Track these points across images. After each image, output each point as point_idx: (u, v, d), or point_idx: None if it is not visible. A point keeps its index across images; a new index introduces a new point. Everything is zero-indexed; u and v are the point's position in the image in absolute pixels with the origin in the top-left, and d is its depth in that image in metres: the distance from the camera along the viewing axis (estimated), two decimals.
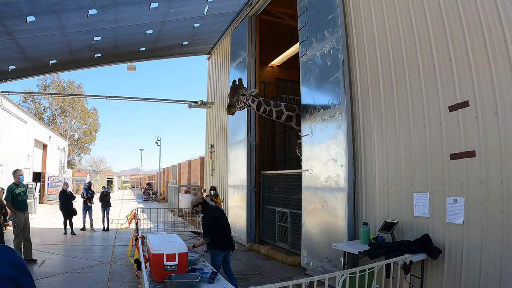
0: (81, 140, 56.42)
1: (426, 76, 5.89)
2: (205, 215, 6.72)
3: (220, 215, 6.77)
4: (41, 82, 50.89)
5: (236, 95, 9.18)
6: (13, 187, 8.91)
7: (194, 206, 6.77)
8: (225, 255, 6.48)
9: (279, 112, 9.65)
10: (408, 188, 6.11)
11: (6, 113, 19.28)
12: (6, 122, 19.46)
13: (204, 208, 6.74)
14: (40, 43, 12.30)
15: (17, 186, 8.96)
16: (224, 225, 6.63)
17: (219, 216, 6.71)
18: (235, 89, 9.28)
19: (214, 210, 6.87)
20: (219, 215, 6.76)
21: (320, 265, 7.84)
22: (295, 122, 9.85)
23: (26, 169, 22.03)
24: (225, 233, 6.55)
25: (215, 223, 6.45)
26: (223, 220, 6.68)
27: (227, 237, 6.58)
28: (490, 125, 4.94)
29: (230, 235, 6.72)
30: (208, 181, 16.90)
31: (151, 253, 4.82)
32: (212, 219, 6.49)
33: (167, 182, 42.91)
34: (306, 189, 8.62)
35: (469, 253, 5.08)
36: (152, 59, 17.85)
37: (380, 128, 6.80)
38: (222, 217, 6.77)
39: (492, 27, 4.95)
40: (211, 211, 6.74)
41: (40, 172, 27.13)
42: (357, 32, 7.46)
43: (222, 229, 6.51)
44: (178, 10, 11.69)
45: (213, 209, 6.92)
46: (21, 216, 8.92)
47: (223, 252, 6.44)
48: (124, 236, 13.56)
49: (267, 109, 9.58)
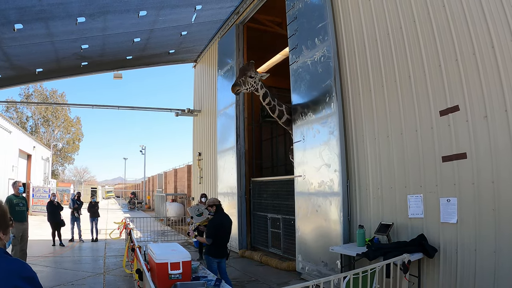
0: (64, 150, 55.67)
1: (417, 82, 6.07)
2: (214, 218, 6.87)
3: (227, 224, 6.84)
4: (23, 91, 50.35)
5: (243, 76, 8.87)
6: (11, 197, 8.95)
7: (210, 205, 6.88)
8: (218, 261, 6.59)
9: (280, 112, 9.36)
10: (402, 190, 6.26)
11: None
12: None
13: (216, 211, 6.87)
14: (27, 51, 12.17)
15: (16, 197, 9.01)
16: (225, 235, 6.72)
17: (225, 225, 6.78)
18: (244, 70, 9.02)
19: (222, 217, 6.90)
20: (226, 224, 6.81)
21: (316, 269, 7.93)
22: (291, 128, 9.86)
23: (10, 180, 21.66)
24: (222, 242, 6.66)
25: (219, 230, 6.57)
26: (226, 230, 6.76)
27: (223, 245, 6.68)
28: (480, 128, 5.13)
29: (226, 244, 6.78)
30: (197, 189, 16.87)
31: (154, 262, 4.83)
32: (218, 225, 6.63)
33: (152, 191, 42.58)
34: (299, 194, 8.72)
35: (464, 251, 5.25)
36: (138, 67, 17.81)
37: (372, 133, 6.96)
38: (228, 227, 6.86)
39: (480, 34, 5.15)
40: (220, 217, 6.84)
41: (25, 183, 26.68)
42: (348, 40, 7.63)
43: (221, 238, 6.62)
44: (166, 18, 11.74)
45: (223, 216, 6.93)
46: (19, 227, 8.87)
47: (216, 259, 6.55)
48: (114, 247, 13.46)
49: (271, 103, 9.23)
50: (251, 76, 8.85)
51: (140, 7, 10.43)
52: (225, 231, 6.71)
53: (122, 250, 12.56)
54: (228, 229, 6.83)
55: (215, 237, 6.52)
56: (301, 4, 8.86)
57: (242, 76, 8.90)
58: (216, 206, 6.88)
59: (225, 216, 6.93)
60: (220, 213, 6.91)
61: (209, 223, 6.93)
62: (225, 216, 6.93)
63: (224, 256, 6.67)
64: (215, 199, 7.15)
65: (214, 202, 6.96)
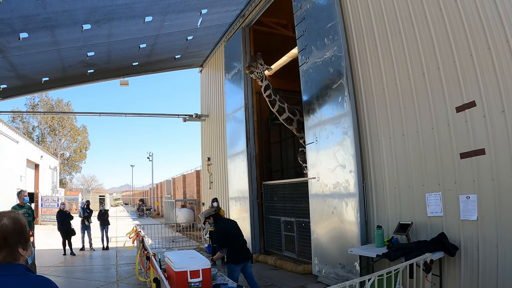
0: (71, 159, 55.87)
1: (431, 79, 5.99)
2: (216, 228, 6.75)
3: (232, 227, 6.73)
4: (29, 101, 50.67)
5: (255, 62, 9.38)
6: (17, 208, 8.76)
7: (207, 218, 6.77)
8: (242, 267, 6.42)
9: (281, 108, 9.64)
10: (420, 189, 6.17)
11: None
12: None
13: (215, 221, 6.75)
14: (33, 60, 12.18)
15: (21, 208, 8.80)
16: (236, 237, 6.57)
17: (231, 228, 6.68)
18: (255, 57, 9.52)
19: (225, 222, 6.85)
20: (231, 227, 6.72)
21: (333, 272, 7.83)
22: (296, 127, 9.85)
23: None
24: (237, 245, 6.49)
25: (227, 236, 6.43)
26: (235, 232, 6.64)
27: (240, 248, 6.51)
28: (498, 123, 5.06)
29: (244, 246, 6.64)
30: (206, 194, 16.82)
31: (173, 271, 4.75)
32: (224, 232, 6.49)
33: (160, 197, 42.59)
34: (313, 196, 8.63)
35: (485, 248, 5.16)
36: (144, 73, 17.82)
37: (387, 132, 6.87)
38: (234, 229, 6.72)
39: (494, 28, 5.08)
40: (222, 224, 6.73)
41: (33, 193, 26.75)
42: (358, 38, 7.56)
43: (234, 241, 6.46)
44: (172, 23, 11.73)
45: (224, 221, 6.90)
46: None
47: (238, 265, 6.37)
48: (126, 254, 13.40)
49: (272, 96, 9.58)
50: (261, 64, 9.39)
51: (145, 12, 10.41)
52: (233, 234, 6.56)
53: (133, 257, 12.50)
54: (235, 230, 6.68)
55: (226, 244, 6.38)
56: (308, 4, 8.80)
57: (253, 61, 9.38)
58: (212, 216, 6.80)
59: (226, 221, 6.90)
60: (220, 221, 6.81)
61: (214, 234, 6.83)
62: (226, 221, 6.90)
63: (246, 260, 6.47)
64: (208, 210, 7.09)
65: (209, 213, 6.90)
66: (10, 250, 1.92)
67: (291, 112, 9.75)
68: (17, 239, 1.94)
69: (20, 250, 1.96)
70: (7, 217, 1.94)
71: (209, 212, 6.86)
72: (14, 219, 1.95)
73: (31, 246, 2.05)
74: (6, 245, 1.90)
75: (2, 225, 1.90)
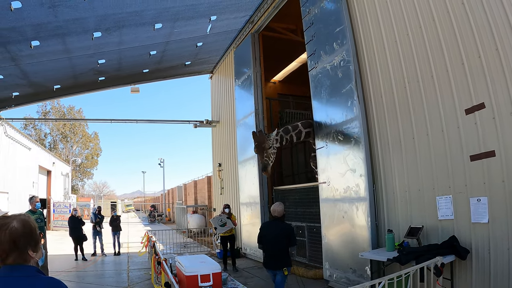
0: (83, 165, 56.36)
1: (440, 81, 5.97)
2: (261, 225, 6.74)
3: (268, 233, 6.39)
4: (41, 109, 51.18)
5: (265, 152, 8.96)
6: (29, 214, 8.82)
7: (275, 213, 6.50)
8: (274, 274, 6.27)
9: (298, 133, 9.45)
10: (430, 192, 6.14)
11: (10, 140, 19.29)
12: (11, 150, 19.46)
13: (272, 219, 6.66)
14: (44, 68, 12.34)
15: (33, 213, 8.80)
16: (268, 244, 6.30)
17: (267, 233, 6.40)
18: (261, 144, 8.99)
19: (265, 225, 6.72)
20: (268, 232, 6.41)
21: (344, 276, 7.80)
22: (313, 137, 9.78)
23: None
24: (267, 252, 6.34)
25: (260, 238, 6.45)
26: (268, 239, 6.32)
27: (269, 256, 6.31)
28: (507, 125, 5.03)
29: (274, 255, 6.25)
30: (218, 200, 16.85)
31: (183, 275, 4.79)
32: (259, 233, 6.53)
33: (172, 203, 42.73)
34: (324, 201, 8.62)
35: (497, 250, 5.12)
36: (155, 80, 17.95)
37: (397, 136, 6.85)
38: (270, 236, 6.32)
39: (502, 29, 5.07)
40: (263, 225, 6.72)
41: (45, 199, 27.03)
42: (367, 42, 7.57)
43: (266, 247, 6.33)
44: (181, 30, 11.83)
45: (268, 225, 6.70)
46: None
47: (268, 270, 6.36)
48: (137, 260, 13.46)
49: (288, 139, 9.46)
50: (269, 147, 9.01)
51: (155, 20, 10.53)
52: (269, 240, 6.27)
53: (145, 263, 12.57)
54: (273, 238, 6.22)
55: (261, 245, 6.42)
56: (317, 9, 8.84)
57: (263, 153, 9.00)
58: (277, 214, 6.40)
59: (275, 226, 6.39)
60: (272, 221, 6.59)
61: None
62: (275, 226, 6.39)
63: (273, 268, 6.23)
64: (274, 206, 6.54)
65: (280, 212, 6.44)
66: (20, 253, 1.94)
67: (306, 126, 9.51)
68: (26, 242, 1.96)
69: (30, 252, 1.98)
70: (17, 220, 1.96)
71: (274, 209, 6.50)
72: (23, 221, 1.98)
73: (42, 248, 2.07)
74: (15, 248, 1.92)
75: (11, 228, 1.92)
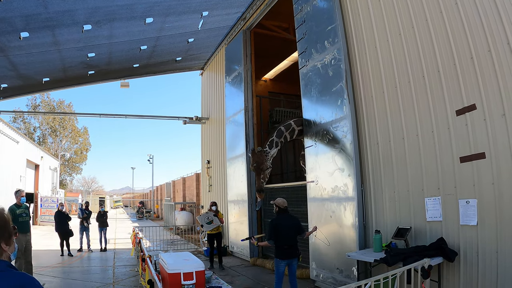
0: (72, 160, 55.88)
1: (431, 82, 5.93)
2: (272, 219, 6.83)
3: (283, 225, 6.58)
4: (30, 102, 50.63)
5: (262, 173, 8.99)
6: (14, 208, 8.63)
7: (276, 205, 6.77)
8: (288, 263, 6.53)
9: (291, 132, 9.40)
10: (419, 193, 6.10)
11: None
12: None
13: (277, 212, 6.77)
14: (33, 60, 12.13)
15: (18, 207, 8.66)
16: (284, 235, 6.51)
17: (282, 226, 6.57)
18: (260, 165, 8.97)
19: (278, 219, 6.72)
20: (282, 225, 6.59)
21: (331, 276, 7.75)
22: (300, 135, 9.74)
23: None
24: (283, 242, 6.51)
25: (276, 231, 6.48)
26: (283, 230, 6.54)
27: (285, 246, 6.52)
28: (498, 127, 4.99)
29: (291, 244, 6.56)
30: (206, 198, 16.75)
31: (166, 273, 4.69)
32: (273, 226, 6.56)
33: (160, 200, 42.52)
34: (312, 200, 8.56)
35: (485, 253, 5.09)
36: (145, 75, 17.76)
37: (386, 136, 6.80)
38: (284, 227, 6.58)
39: (495, 31, 5.03)
40: (276, 219, 6.73)
41: (33, 193, 26.69)
42: (358, 41, 7.51)
43: (281, 238, 6.49)
44: (173, 25, 11.70)
45: (279, 217, 6.74)
46: (22, 238, 8.56)
47: (283, 261, 6.49)
48: (123, 256, 13.34)
49: (283, 141, 9.41)
50: (267, 168, 9.04)
51: (146, 14, 10.38)
52: (285, 231, 6.49)
53: (130, 259, 12.45)
54: (288, 229, 6.54)
55: (275, 238, 6.45)
56: (309, 7, 8.76)
57: (260, 174, 9.01)
58: (279, 207, 6.74)
59: (286, 217, 6.70)
60: (281, 214, 6.73)
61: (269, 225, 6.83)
62: (286, 217, 6.70)
63: (291, 257, 6.52)
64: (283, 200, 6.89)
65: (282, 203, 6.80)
66: None
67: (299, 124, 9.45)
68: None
69: (2, 245, 1.94)
70: None
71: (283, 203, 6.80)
72: None
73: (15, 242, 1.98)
74: None
75: None
